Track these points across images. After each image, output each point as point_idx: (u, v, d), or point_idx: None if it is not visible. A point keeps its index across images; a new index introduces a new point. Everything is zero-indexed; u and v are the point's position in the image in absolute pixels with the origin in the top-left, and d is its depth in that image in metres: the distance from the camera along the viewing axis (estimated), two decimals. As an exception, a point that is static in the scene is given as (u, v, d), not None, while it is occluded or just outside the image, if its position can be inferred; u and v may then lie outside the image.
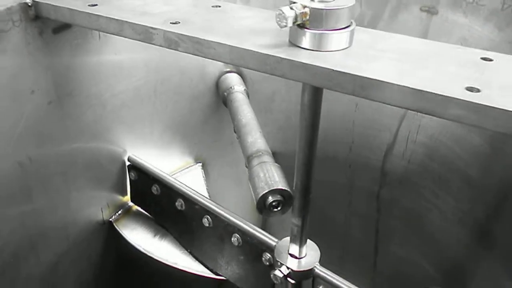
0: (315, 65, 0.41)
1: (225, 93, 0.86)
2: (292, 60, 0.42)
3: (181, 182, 0.79)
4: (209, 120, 0.96)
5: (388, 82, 0.38)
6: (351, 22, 0.45)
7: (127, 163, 0.85)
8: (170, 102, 0.87)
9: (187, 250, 0.79)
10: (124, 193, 0.88)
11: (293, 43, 0.45)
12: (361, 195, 1.06)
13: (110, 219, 0.86)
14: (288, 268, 0.62)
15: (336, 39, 0.44)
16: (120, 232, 0.85)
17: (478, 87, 0.37)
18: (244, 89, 0.87)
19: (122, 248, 0.85)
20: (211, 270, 0.76)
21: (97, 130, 0.77)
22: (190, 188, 0.77)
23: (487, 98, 0.36)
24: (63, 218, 0.77)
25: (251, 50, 0.45)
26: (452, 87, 0.37)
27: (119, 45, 0.75)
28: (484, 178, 0.82)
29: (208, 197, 0.79)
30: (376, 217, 1.06)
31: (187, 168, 0.98)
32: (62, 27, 0.66)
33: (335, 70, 0.40)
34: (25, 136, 0.65)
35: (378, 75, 0.39)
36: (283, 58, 0.43)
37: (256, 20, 0.52)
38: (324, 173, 1.07)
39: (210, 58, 0.48)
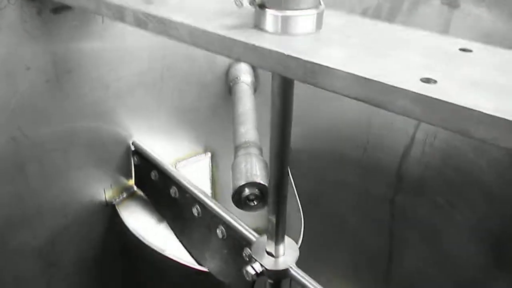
0: (266, 48, 0.38)
1: (231, 83, 0.84)
2: (246, 43, 0.40)
3: (177, 170, 0.78)
4: (218, 110, 0.94)
5: (335, 69, 0.34)
6: (319, 4, 0.41)
7: (132, 147, 0.85)
8: (178, 89, 0.87)
9: (178, 239, 0.78)
10: (129, 177, 0.89)
11: (256, 26, 0.43)
12: (376, 198, 1.00)
13: (113, 202, 0.87)
14: (262, 266, 0.59)
15: (299, 22, 0.40)
16: (120, 214, 0.85)
17: (436, 79, 0.33)
18: (251, 81, 0.84)
19: (122, 231, 0.86)
20: (196, 260, 0.74)
21: (99, 112, 0.77)
22: (184, 177, 0.76)
23: (440, 90, 0.31)
24: (61, 196, 0.78)
25: (209, 32, 0.42)
26: (406, 77, 0.33)
27: (123, 30, 0.75)
28: (502, 189, 0.74)
29: (209, 187, 0.78)
30: (390, 223, 1.00)
31: (195, 157, 0.97)
32: (61, 8, 0.66)
33: (285, 54, 0.37)
34: (19, 112, 0.66)
35: (328, 61, 0.35)
36: (237, 40, 0.40)
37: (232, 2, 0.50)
38: (338, 174, 1.03)
39: (175, 39, 0.46)
